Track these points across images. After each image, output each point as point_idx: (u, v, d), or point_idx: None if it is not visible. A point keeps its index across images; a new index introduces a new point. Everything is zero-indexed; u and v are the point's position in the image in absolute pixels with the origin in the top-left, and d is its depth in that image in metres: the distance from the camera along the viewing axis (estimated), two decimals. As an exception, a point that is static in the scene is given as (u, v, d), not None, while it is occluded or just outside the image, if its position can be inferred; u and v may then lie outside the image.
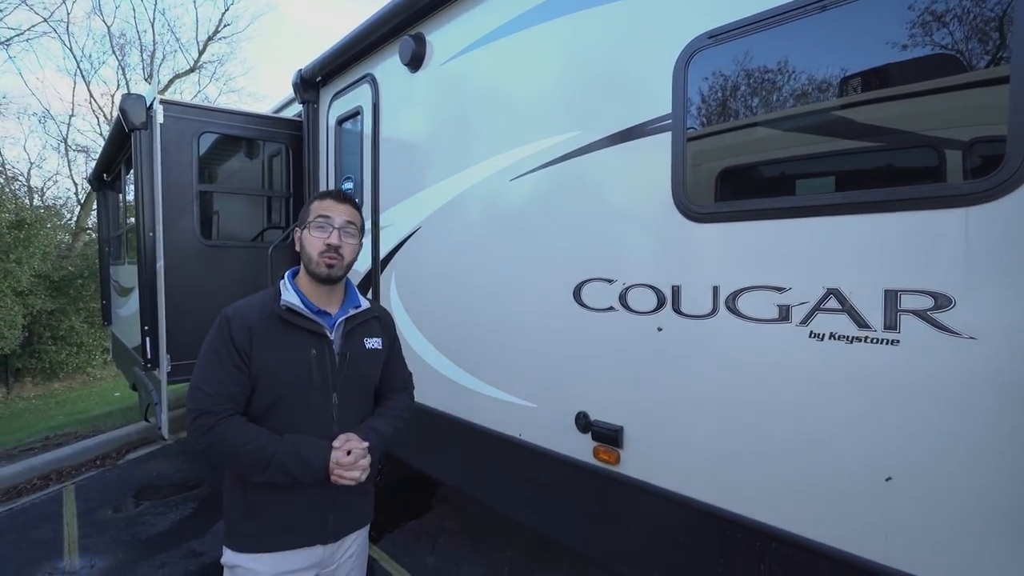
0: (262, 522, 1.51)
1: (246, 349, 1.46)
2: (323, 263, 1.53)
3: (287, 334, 1.52)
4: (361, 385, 1.66)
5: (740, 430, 1.71)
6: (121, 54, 17.66)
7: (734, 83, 1.75)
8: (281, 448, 1.42)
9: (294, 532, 1.54)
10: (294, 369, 1.50)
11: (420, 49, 2.94)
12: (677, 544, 1.89)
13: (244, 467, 1.44)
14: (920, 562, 1.37)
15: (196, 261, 3.82)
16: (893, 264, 1.40)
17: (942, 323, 1.32)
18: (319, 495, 1.54)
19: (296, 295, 1.55)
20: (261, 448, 1.40)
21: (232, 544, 1.54)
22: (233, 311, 1.51)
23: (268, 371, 1.48)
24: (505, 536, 3.59)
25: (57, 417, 7.73)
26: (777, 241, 1.62)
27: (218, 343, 1.47)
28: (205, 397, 1.42)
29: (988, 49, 1.30)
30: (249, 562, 1.51)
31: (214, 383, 1.44)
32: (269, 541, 1.52)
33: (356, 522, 1.68)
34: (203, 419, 1.40)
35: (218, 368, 1.45)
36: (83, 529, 3.81)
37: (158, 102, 3.49)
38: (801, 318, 1.56)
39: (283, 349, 1.50)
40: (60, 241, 13.15)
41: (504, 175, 2.48)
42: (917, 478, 1.37)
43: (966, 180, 1.31)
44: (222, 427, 1.40)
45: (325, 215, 1.55)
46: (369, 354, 1.67)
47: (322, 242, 1.53)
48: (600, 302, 2.10)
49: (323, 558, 1.60)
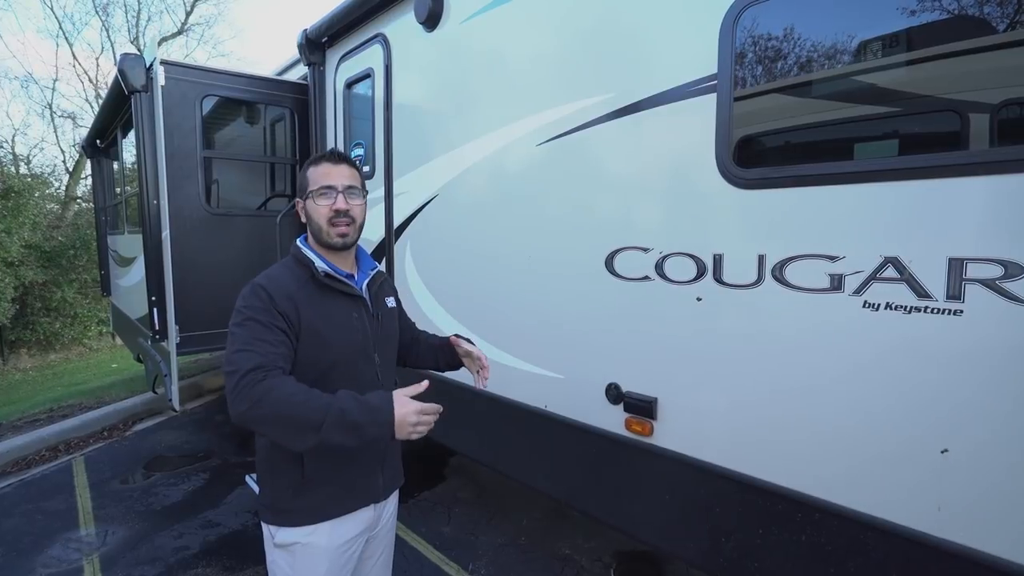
0: (317, 493, 1.46)
1: (292, 316, 1.38)
2: (335, 232, 1.48)
3: (328, 300, 1.48)
4: (392, 344, 1.69)
5: (785, 401, 1.68)
6: (105, 15, 17.02)
7: (785, 41, 1.67)
8: (337, 399, 1.26)
9: (350, 497, 1.52)
10: (342, 334, 1.47)
11: (437, 6, 2.80)
12: (713, 515, 1.88)
13: (294, 427, 1.23)
14: (974, 534, 1.36)
15: (202, 230, 3.72)
16: (959, 232, 1.35)
17: (1012, 292, 1.28)
18: (370, 455, 1.54)
19: (323, 261, 1.50)
20: (317, 398, 1.25)
21: (284, 521, 1.48)
22: (267, 280, 1.43)
23: (317, 338, 1.42)
24: (521, 505, 3.62)
25: (56, 389, 7.68)
26: (830, 208, 1.56)
27: (259, 310, 1.36)
28: (253, 355, 1.28)
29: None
30: (307, 536, 1.47)
31: (261, 345, 1.31)
32: (326, 510, 1.48)
33: (398, 478, 1.71)
34: (252, 375, 1.24)
35: (263, 333, 1.33)
36: (96, 500, 3.80)
37: (159, 63, 3.33)
38: (855, 287, 1.51)
39: (329, 315, 1.46)
40: (50, 211, 12.86)
41: (530, 140, 2.39)
42: (977, 451, 1.35)
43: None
44: (271, 380, 1.25)
45: (327, 184, 1.47)
46: (391, 313, 1.69)
47: (329, 208, 1.46)
48: (634, 271, 2.04)
49: (373, 519, 1.60)
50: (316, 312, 1.44)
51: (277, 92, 4.08)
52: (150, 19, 17.96)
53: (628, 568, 2.99)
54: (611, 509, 2.23)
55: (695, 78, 1.84)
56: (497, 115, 2.56)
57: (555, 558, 3.07)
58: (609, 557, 3.07)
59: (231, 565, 3.03)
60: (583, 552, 3.13)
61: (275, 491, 1.49)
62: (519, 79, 2.47)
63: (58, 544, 3.27)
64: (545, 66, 2.35)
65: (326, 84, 3.85)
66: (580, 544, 3.20)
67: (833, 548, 1.59)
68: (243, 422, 1.25)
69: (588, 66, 2.18)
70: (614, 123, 2.08)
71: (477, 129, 2.67)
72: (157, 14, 20.71)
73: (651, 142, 1.98)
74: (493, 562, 3.05)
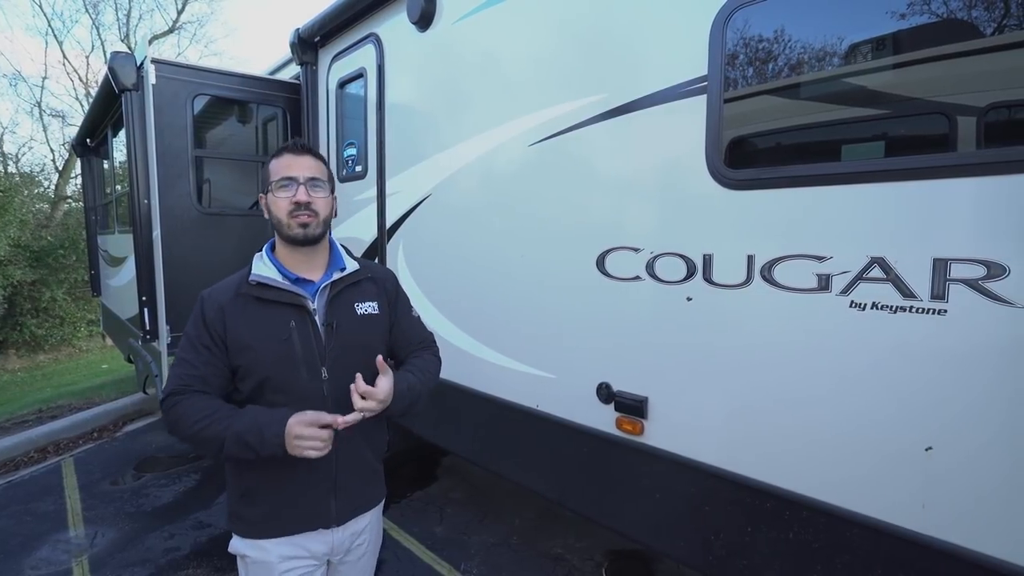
0: (261, 506, 1.42)
1: (219, 330, 1.36)
2: (295, 223, 1.38)
3: (263, 310, 1.38)
4: (356, 356, 1.43)
5: (773, 400, 1.69)
6: (95, 12, 16.85)
7: (774, 43, 1.68)
8: (238, 419, 1.28)
9: (294, 520, 1.43)
10: (274, 346, 1.37)
11: (430, 6, 2.80)
12: (702, 513, 1.89)
13: (203, 443, 1.31)
14: (958, 532, 1.38)
15: (193, 229, 3.70)
16: (943, 232, 1.37)
17: (995, 292, 1.30)
18: (316, 477, 1.42)
19: (273, 266, 1.42)
20: (218, 420, 1.28)
21: (235, 529, 1.47)
22: (208, 292, 1.43)
23: (246, 351, 1.36)
24: (513, 505, 3.63)
25: (45, 390, 7.60)
26: (818, 209, 1.57)
27: (191, 324, 1.40)
28: (173, 379, 1.36)
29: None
30: (254, 550, 1.44)
31: (185, 366, 1.36)
32: (268, 527, 1.43)
33: (363, 505, 1.55)
34: (167, 401, 1.33)
35: (189, 351, 1.37)
36: (86, 501, 3.77)
37: (149, 61, 3.31)
38: (842, 287, 1.53)
39: (260, 326, 1.37)
40: (38, 210, 12.73)
41: (522, 140, 2.40)
42: (960, 449, 1.37)
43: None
44: (181, 405, 1.32)
45: (288, 176, 1.39)
46: (363, 320, 1.49)
47: (288, 201, 1.38)
48: (625, 271, 2.05)
49: (334, 542, 1.49)
50: (245, 323, 1.37)
51: (269, 91, 4.06)
52: (141, 17, 17.79)
53: (619, 567, 3.01)
54: (602, 508, 2.24)
55: (685, 79, 1.85)
56: (489, 116, 2.57)
57: (547, 557, 3.08)
58: (600, 556, 3.09)
59: (222, 566, 3.02)
60: (575, 551, 3.14)
61: (230, 495, 1.49)
62: (511, 80, 2.48)
63: (47, 546, 3.24)
64: (537, 67, 2.36)
65: (319, 84, 3.84)
66: (572, 543, 3.21)
67: (820, 545, 1.61)
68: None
69: (580, 67, 2.19)
70: (605, 124, 2.09)
71: (470, 129, 2.67)
72: (148, 12, 20.52)
73: (642, 143, 2.00)
74: (485, 562, 3.06)
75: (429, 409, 2.95)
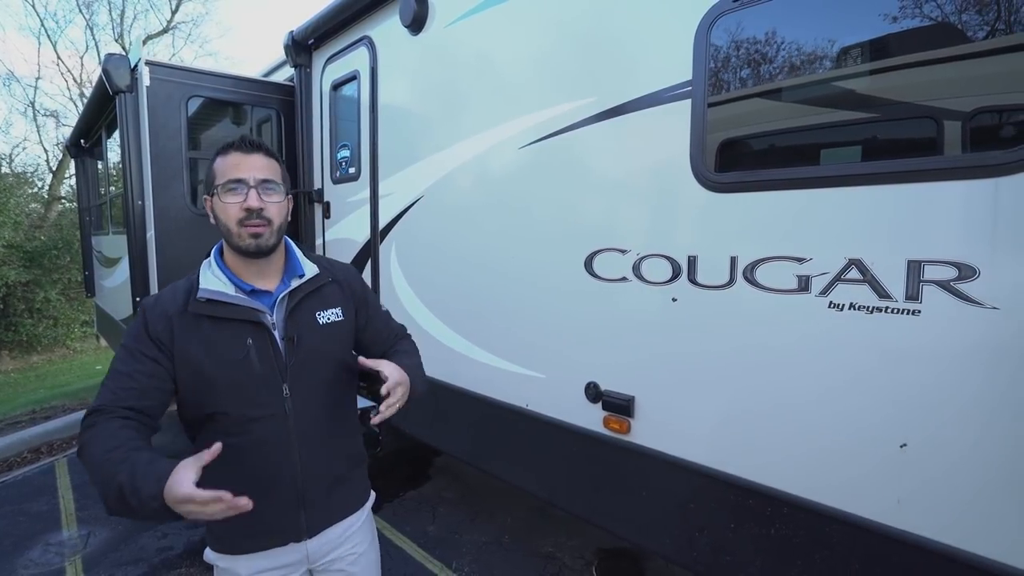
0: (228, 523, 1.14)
1: (164, 341, 1.22)
2: (246, 234, 1.24)
3: (215, 329, 1.26)
4: (320, 369, 1.37)
5: (756, 399, 1.73)
6: (88, 12, 16.82)
7: (757, 49, 1.72)
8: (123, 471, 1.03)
9: (261, 535, 1.35)
10: (228, 367, 1.25)
11: (422, 10, 2.83)
12: (687, 510, 1.93)
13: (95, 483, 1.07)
14: (932, 526, 1.42)
15: (187, 230, 3.71)
16: (918, 235, 1.41)
17: (965, 293, 1.34)
18: (281, 493, 1.33)
19: (223, 276, 1.30)
20: (110, 466, 1.04)
21: (209, 542, 1.40)
22: (153, 299, 1.29)
23: (197, 372, 1.23)
24: (505, 504, 3.65)
25: (39, 391, 7.59)
26: (798, 211, 1.61)
27: (131, 335, 1.23)
28: (102, 392, 1.17)
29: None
30: (226, 562, 1.37)
31: (120, 379, 1.18)
32: (237, 544, 1.36)
33: (339, 513, 1.46)
34: (88, 418, 1.14)
35: (128, 362, 1.20)
36: (79, 501, 3.78)
37: (144, 63, 3.33)
38: (821, 288, 1.57)
39: (212, 344, 1.25)
40: (32, 210, 12.70)
41: (513, 143, 2.43)
42: (933, 445, 1.41)
43: (997, 150, 1.30)
44: (95, 429, 1.11)
45: (236, 177, 1.24)
46: (326, 330, 1.39)
47: (238, 207, 1.23)
48: (613, 272, 2.09)
49: (308, 552, 1.42)
50: (196, 341, 1.24)
51: (263, 93, 4.08)
52: (135, 17, 17.78)
53: (609, 565, 3.04)
54: (591, 506, 2.27)
55: (671, 84, 1.89)
56: (480, 119, 2.60)
57: (538, 556, 3.11)
58: (591, 554, 3.12)
59: (215, 565, 3.03)
60: (565, 550, 3.17)
61: None
62: (502, 83, 2.51)
63: (40, 546, 3.25)
64: (526, 71, 2.39)
65: (312, 86, 3.87)
66: (563, 542, 3.24)
67: (800, 541, 1.65)
68: None
69: (569, 71, 2.22)
70: (594, 127, 2.13)
71: (461, 132, 2.70)
72: (142, 12, 20.59)
73: (629, 146, 2.03)
74: (476, 560, 3.09)
75: (422, 409, 2.98)
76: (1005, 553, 1.32)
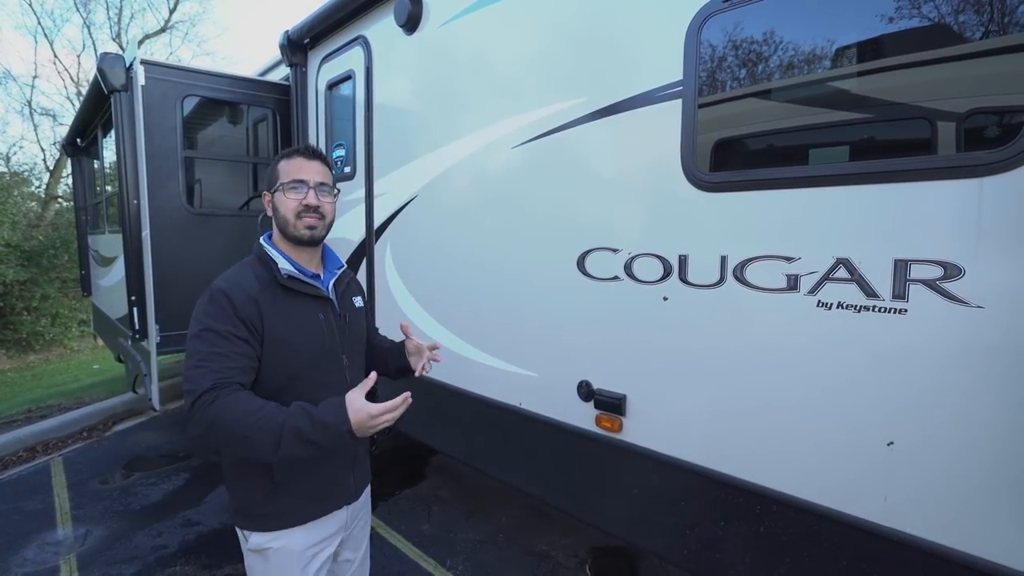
0: (289, 498, 1.44)
1: (254, 322, 1.34)
2: (302, 225, 1.44)
3: (294, 303, 1.44)
4: (361, 344, 1.67)
5: (745, 397, 1.74)
6: (85, 11, 16.78)
7: (747, 49, 1.73)
8: (291, 417, 1.21)
9: (323, 500, 1.52)
10: (308, 338, 1.44)
11: (416, 9, 2.84)
12: (678, 508, 1.94)
13: (250, 449, 1.20)
14: (918, 523, 1.43)
15: (183, 230, 3.72)
16: (904, 234, 1.42)
17: (951, 292, 1.35)
18: (341, 458, 1.55)
19: (287, 261, 1.46)
20: (269, 417, 1.20)
21: (256, 526, 1.45)
22: (227, 284, 1.37)
23: (282, 344, 1.38)
24: (500, 503, 3.66)
25: (36, 390, 7.58)
26: (788, 211, 1.62)
27: (218, 319, 1.31)
28: (208, 374, 1.24)
29: (1012, 18, 1.30)
30: (279, 540, 1.45)
31: (219, 360, 1.27)
32: (300, 515, 1.47)
33: (367, 476, 1.72)
34: (205, 397, 1.21)
35: (221, 345, 1.29)
36: (75, 500, 3.78)
37: (139, 63, 3.33)
38: (810, 287, 1.58)
39: (294, 318, 1.42)
40: (29, 209, 12.67)
41: (506, 143, 2.44)
42: (920, 443, 1.42)
43: (982, 150, 1.31)
44: (223, 399, 1.21)
45: (299, 178, 1.45)
46: (359, 312, 1.67)
47: (298, 203, 1.44)
48: (605, 271, 2.10)
49: (347, 519, 1.61)
50: (280, 316, 1.40)
51: (259, 92, 4.09)
52: (133, 16, 17.72)
53: (602, 564, 3.05)
54: (583, 504, 2.28)
55: (662, 84, 1.90)
56: (474, 118, 2.60)
57: (532, 554, 3.12)
58: (585, 553, 3.13)
59: (209, 563, 3.04)
60: (559, 548, 3.18)
61: (244, 495, 1.46)
62: (495, 83, 2.52)
63: (35, 544, 3.25)
64: (520, 70, 2.40)
65: (308, 85, 3.87)
66: (557, 540, 3.25)
67: (789, 538, 1.66)
68: (202, 444, 1.24)
69: (562, 70, 2.23)
70: (586, 126, 2.13)
71: (456, 131, 2.71)
72: (140, 11, 20.55)
73: (621, 145, 2.04)
74: (471, 559, 3.09)
75: (417, 407, 2.98)
76: (991, 551, 1.33)
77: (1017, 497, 1.29)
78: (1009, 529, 1.31)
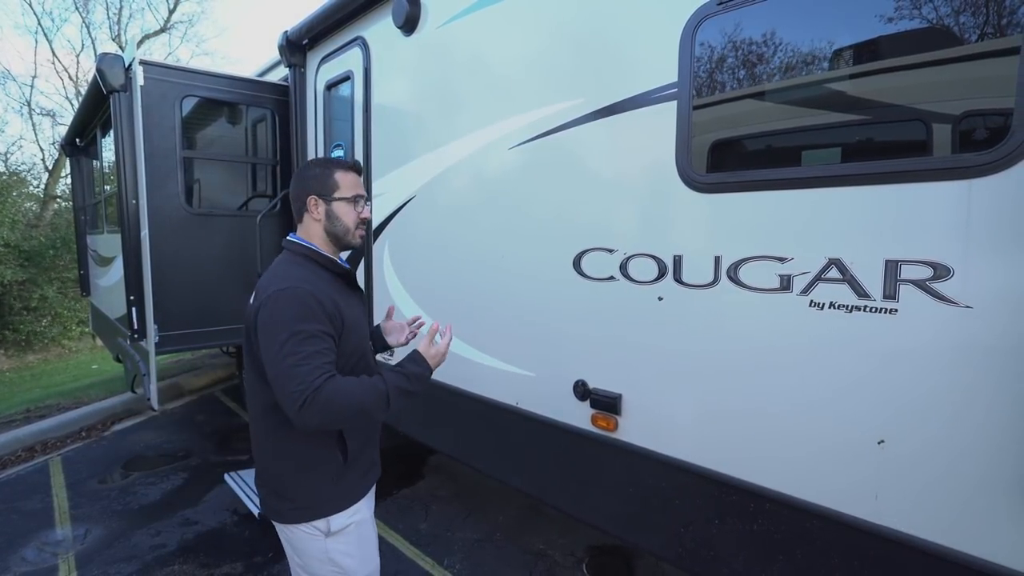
0: (355, 472, 1.65)
1: (336, 317, 1.51)
2: (359, 235, 1.67)
3: (348, 294, 1.65)
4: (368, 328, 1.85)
5: (739, 396, 1.76)
6: (85, 11, 16.77)
7: (741, 51, 1.75)
8: (388, 379, 1.48)
9: (369, 473, 1.73)
10: (360, 325, 1.66)
11: (415, 11, 2.85)
12: (673, 507, 1.95)
13: (365, 417, 1.45)
14: (908, 521, 1.44)
15: (182, 230, 3.72)
16: (895, 235, 1.44)
17: (940, 292, 1.36)
18: (374, 429, 1.76)
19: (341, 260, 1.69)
20: (372, 389, 1.43)
21: (333, 509, 1.59)
22: (305, 283, 1.49)
23: (351, 330, 1.58)
24: (498, 502, 3.68)
25: (34, 390, 7.58)
26: (781, 212, 1.64)
27: (309, 318, 1.43)
28: (313, 371, 1.37)
29: (999, 22, 1.32)
30: (358, 514, 1.65)
31: (317, 357, 1.40)
32: (362, 488, 1.68)
33: None
34: (318, 391, 1.35)
35: (315, 342, 1.42)
36: (73, 500, 3.79)
37: (138, 63, 3.34)
38: (802, 288, 1.59)
39: (353, 307, 1.64)
40: (28, 209, 12.67)
41: (503, 144, 2.45)
42: (909, 441, 1.44)
43: (971, 152, 1.33)
44: (327, 388, 1.36)
45: (360, 193, 1.66)
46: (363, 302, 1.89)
47: (358, 216, 1.65)
48: (600, 271, 2.11)
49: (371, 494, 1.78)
50: (347, 307, 1.59)
51: (257, 93, 4.09)
52: (132, 16, 17.73)
53: (599, 562, 3.06)
54: (579, 503, 2.29)
55: (657, 86, 1.91)
56: (472, 119, 2.62)
57: (529, 553, 3.13)
58: (582, 552, 3.14)
59: (208, 562, 3.05)
60: (556, 547, 3.19)
61: (313, 488, 1.58)
62: (493, 84, 2.54)
63: (33, 544, 3.26)
64: (517, 71, 2.42)
65: (307, 86, 3.88)
66: (554, 539, 3.26)
67: (782, 536, 1.67)
68: (317, 429, 1.41)
69: (559, 71, 2.24)
70: (583, 127, 2.15)
71: (453, 132, 2.72)
72: (139, 11, 20.50)
73: (617, 147, 2.06)
74: (468, 557, 3.11)
75: (415, 407, 3.00)
76: (981, 548, 1.34)
77: (1006, 495, 1.31)
78: (997, 526, 1.32)
